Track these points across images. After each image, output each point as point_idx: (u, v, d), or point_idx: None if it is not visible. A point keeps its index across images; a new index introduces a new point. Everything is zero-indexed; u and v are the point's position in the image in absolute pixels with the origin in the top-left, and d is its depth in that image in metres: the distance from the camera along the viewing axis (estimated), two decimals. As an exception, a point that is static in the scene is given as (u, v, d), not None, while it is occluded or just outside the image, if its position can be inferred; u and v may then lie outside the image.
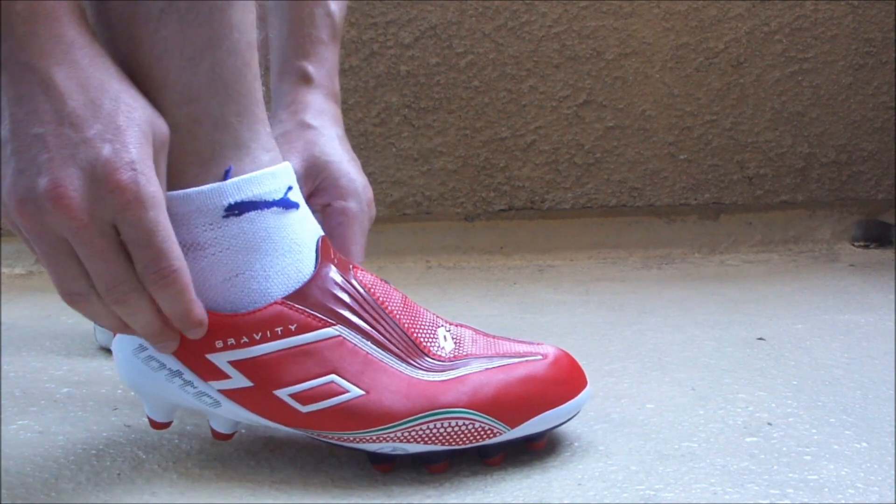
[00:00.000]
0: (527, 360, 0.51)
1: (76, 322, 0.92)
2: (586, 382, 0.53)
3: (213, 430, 0.52)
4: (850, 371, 0.67)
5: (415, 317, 0.51)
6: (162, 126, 0.43)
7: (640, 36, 1.23)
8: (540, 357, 0.51)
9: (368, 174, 1.25)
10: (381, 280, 0.52)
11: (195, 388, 0.48)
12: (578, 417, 0.58)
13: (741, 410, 0.59)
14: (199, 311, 0.46)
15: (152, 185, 0.42)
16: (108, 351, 0.79)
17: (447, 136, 1.25)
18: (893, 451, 0.51)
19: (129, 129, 0.41)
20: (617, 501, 0.46)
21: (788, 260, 1.18)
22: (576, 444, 0.54)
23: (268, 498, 0.48)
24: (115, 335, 0.51)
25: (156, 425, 0.52)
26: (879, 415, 0.58)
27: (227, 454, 0.54)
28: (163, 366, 0.48)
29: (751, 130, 1.25)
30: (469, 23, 1.22)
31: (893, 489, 0.47)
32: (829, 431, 0.55)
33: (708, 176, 1.26)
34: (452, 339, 0.52)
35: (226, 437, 0.52)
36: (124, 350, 0.50)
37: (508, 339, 0.53)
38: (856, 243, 1.24)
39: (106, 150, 0.40)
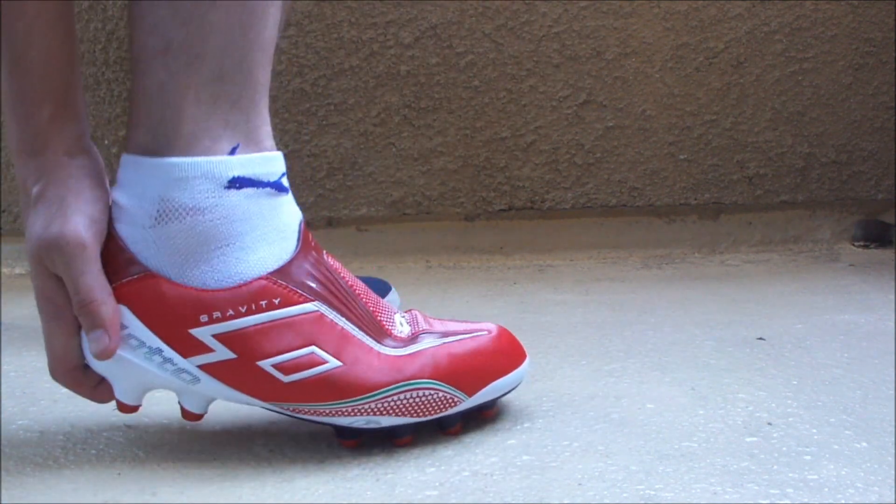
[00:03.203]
0: (475, 336, 0.56)
1: (76, 322, 0.91)
2: (525, 354, 0.58)
3: (183, 410, 0.53)
4: (850, 371, 0.67)
5: (376, 301, 0.55)
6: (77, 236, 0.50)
7: (640, 36, 1.23)
8: (485, 332, 0.57)
9: (368, 174, 1.25)
10: (345, 269, 0.56)
11: (174, 365, 0.50)
12: (578, 417, 0.58)
13: (741, 410, 0.59)
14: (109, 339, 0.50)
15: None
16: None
17: (447, 136, 1.25)
18: (893, 451, 0.51)
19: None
20: (617, 501, 0.46)
21: (788, 260, 1.18)
22: (576, 444, 0.54)
23: (269, 497, 0.48)
24: None
25: (126, 408, 0.53)
26: (879, 415, 0.58)
27: (228, 453, 0.54)
28: (142, 344, 0.50)
29: (751, 130, 1.25)
30: (469, 23, 1.22)
31: (893, 489, 0.47)
32: (829, 431, 0.55)
33: (708, 176, 1.26)
34: (407, 323, 0.56)
35: (196, 418, 0.54)
36: None
37: (453, 320, 0.58)
38: (856, 243, 1.24)
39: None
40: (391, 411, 0.52)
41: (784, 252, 1.23)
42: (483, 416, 0.57)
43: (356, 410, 0.52)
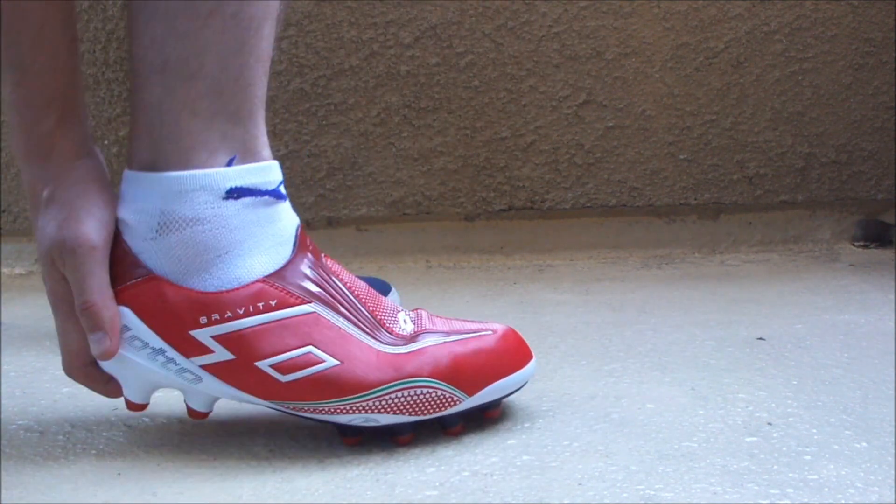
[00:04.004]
0: (479, 335, 0.56)
1: (76, 322, 0.91)
2: (532, 355, 0.58)
3: (189, 409, 0.55)
4: (850, 371, 0.67)
5: (375, 300, 0.55)
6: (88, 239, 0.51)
7: (640, 36, 1.23)
8: (490, 332, 0.56)
9: (368, 174, 1.25)
10: (346, 270, 0.56)
11: (177, 364, 0.52)
12: (578, 417, 0.58)
13: (741, 410, 0.59)
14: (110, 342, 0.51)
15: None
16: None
17: (447, 136, 1.25)
18: (893, 451, 0.52)
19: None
20: (617, 501, 0.46)
21: (788, 260, 1.18)
22: (576, 444, 0.54)
23: (269, 497, 0.48)
24: None
25: (133, 407, 0.55)
26: (879, 415, 0.58)
27: (228, 453, 0.54)
28: (146, 345, 0.51)
29: (751, 130, 1.25)
30: (469, 23, 1.22)
31: (893, 489, 0.47)
32: (829, 431, 0.55)
33: (708, 176, 1.26)
34: (412, 321, 0.56)
35: (202, 416, 0.55)
36: None
37: (460, 320, 0.58)
38: (856, 243, 1.24)
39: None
40: (389, 409, 0.52)
41: (784, 252, 1.23)
42: (486, 417, 0.57)
43: (354, 408, 0.52)
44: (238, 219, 0.51)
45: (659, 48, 1.23)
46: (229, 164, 0.51)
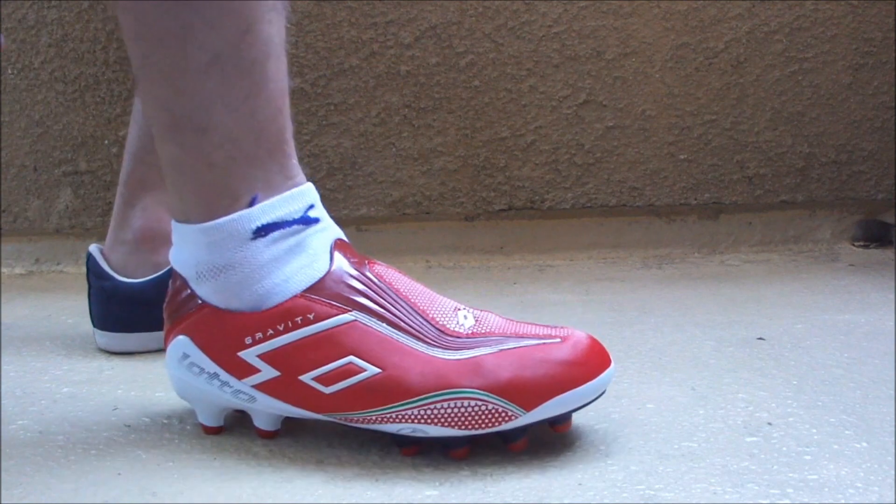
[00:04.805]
0: (544, 343, 0.51)
1: (76, 322, 0.92)
2: (609, 363, 0.53)
3: (257, 429, 0.56)
4: (850, 371, 0.67)
5: (431, 300, 0.54)
6: None
7: (640, 36, 1.23)
8: (558, 340, 0.52)
9: (368, 174, 1.25)
10: (403, 274, 0.55)
11: (231, 387, 0.53)
12: (578, 417, 0.58)
13: (741, 410, 0.59)
14: None
15: None
16: (107, 352, 0.79)
17: (447, 136, 1.25)
18: (893, 451, 0.52)
19: None
20: (617, 501, 0.46)
21: (788, 260, 1.18)
22: (576, 444, 0.54)
23: (269, 497, 0.48)
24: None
25: (208, 430, 0.57)
26: (879, 415, 0.58)
27: (228, 454, 0.54)
28: (202, 370, 0.54)
29: (751, 130, 1.25)
30: (469, 23, 1.22)
31: (893, 489, 0.47)
32: (829, 431, 0.55)
33: (708, 176, 1.26)
34: (474, 318, 0.54)
35: (270, 435, 0.56)
36: (172, 362, 0.55)
37: (531, 324, 0.54)
38: (856, 243, 1.24)
39: None
40: (437, 420, 0.50)
41: (784, 252, 1.23)
42: (555, 432, 0.53)
43: (400, 417, 0.51)
44: (268, 254, 0.52)
45: (659, 48, 1.23)
46: (252, 203, 0.52)
